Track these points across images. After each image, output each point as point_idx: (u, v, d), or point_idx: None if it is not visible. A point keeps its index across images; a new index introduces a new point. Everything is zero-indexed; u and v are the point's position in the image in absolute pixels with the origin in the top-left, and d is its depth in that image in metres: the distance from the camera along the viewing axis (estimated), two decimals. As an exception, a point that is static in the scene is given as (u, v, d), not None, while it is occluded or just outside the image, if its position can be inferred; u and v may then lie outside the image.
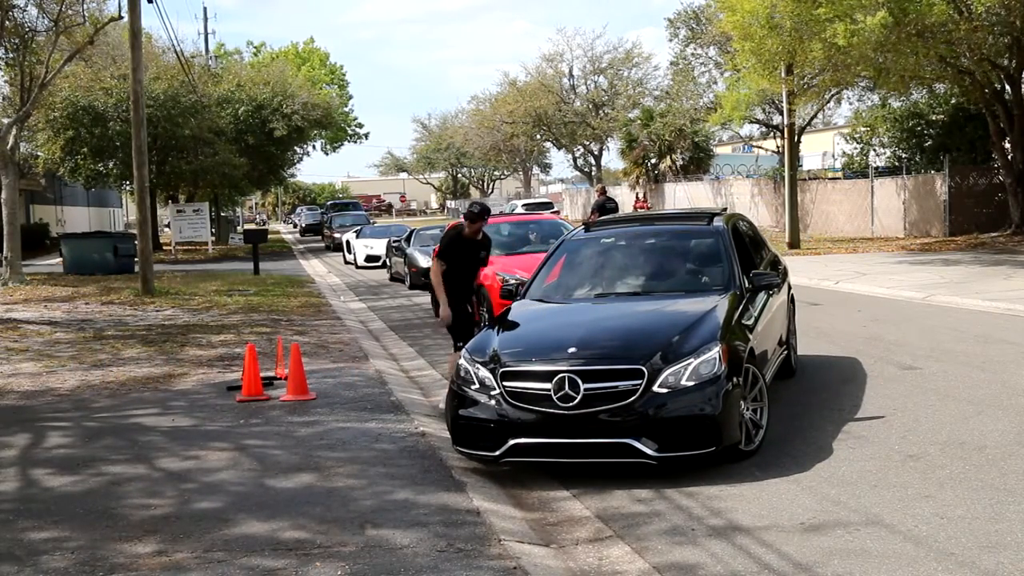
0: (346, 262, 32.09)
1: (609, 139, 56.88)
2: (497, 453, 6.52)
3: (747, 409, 6.76)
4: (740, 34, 23.17)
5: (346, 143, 71.77)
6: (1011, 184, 25.45)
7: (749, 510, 5.79)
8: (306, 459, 7.01)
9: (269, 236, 48.09)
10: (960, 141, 28.64)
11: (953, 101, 29.09)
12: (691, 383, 6.38)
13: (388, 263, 25.69)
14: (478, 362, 6.87)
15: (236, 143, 39.69)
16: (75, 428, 8.20)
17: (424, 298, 18.31)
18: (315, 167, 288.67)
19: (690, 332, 6.76)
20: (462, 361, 7.04)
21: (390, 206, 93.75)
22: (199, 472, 6.77)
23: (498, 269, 13.89)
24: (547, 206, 45.75)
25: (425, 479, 6.43)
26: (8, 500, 6.22)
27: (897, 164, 31.22)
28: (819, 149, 50.58)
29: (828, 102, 35.18)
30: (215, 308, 17.01)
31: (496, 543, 5.25)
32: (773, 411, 8.20)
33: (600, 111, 56.43)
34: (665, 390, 6.35)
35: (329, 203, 66.82)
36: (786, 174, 27.95)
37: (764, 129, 41.28)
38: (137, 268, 22.15)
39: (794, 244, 26.81)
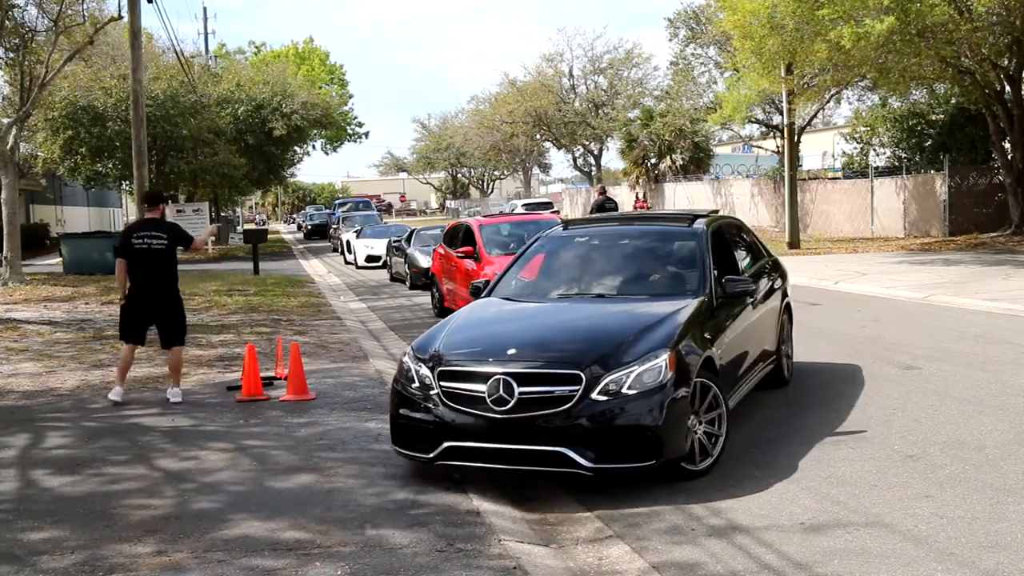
0: (346, 262, 32.09)
1: (609, 139, 56.95)
2: (431, 455, 6.28)
3: (700, 424, 6.40)
4: (740, 34, 23.18)
5: (346, 143, 71.78)
6: (1011, 184, 25.46)
7: (749, 510, 5.78)
8: (306, 459, 7.01)
9: (269, 236, 48.06)
10: (960, 141, 28.66)
11: (953, 101, 29.10)
12: (633, 392, 6.03)
13: (388, 263, 25.68)
14: (420, 360, 6.59)
15: (236, 143, 39.71)
16: (75, 428, 8.20)
17: (424, 298, 18.32)
18: (315, 167, 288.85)
19: (640, 338, 6.41)
20: (405, 358, 6.79)
21: (390, 206, 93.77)
22: (198, 472, 6.77)
23: (497, 269, 13.89)
24: (547, 206, 45.75)
25: (425, 479, 6.43)
26: (8, 500, 6.22)
27: (897, 164, 31.23)
28: (819, 149, 50.57)
29: (828, 102, 35.18)
30: (215, 308, 17.01)
31: (496, 543, 5.25)
32: (772, 411, 8.22)
33: (600, 111, 56.45)
34: (604, 398, 6.01)
35: (337, 201, 63.30)
36: (786, 174, 27.97)
37: (764, 129, 41.26)
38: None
39: (794, 244, 26.83)
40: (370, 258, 29.27)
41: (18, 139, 23.64)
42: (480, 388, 6.16)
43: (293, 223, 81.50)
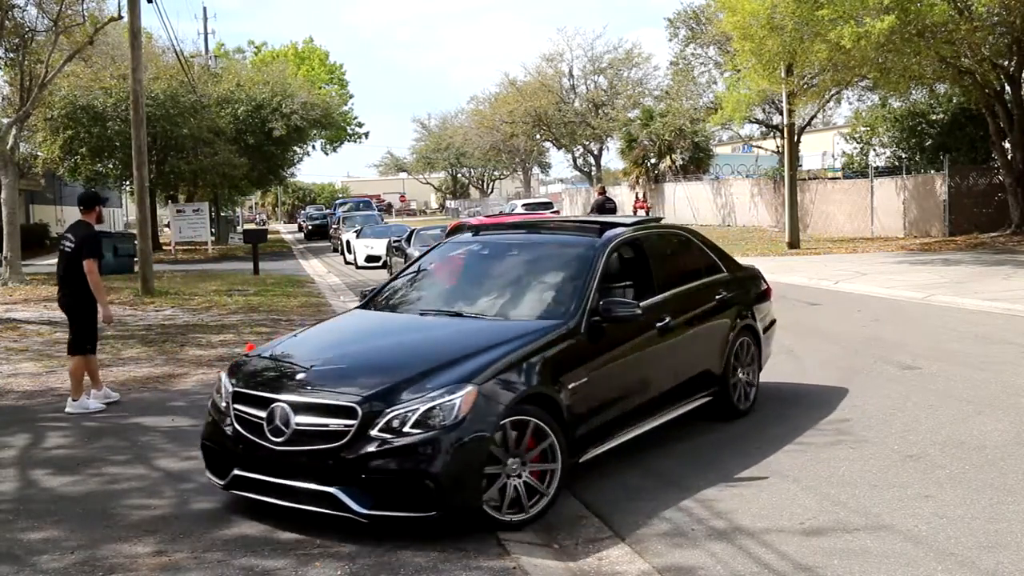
0: (346, 262, 32.09)
1: (609, 139, 56.96)
2: (223, 482, 5.84)
3: (522, 472, 5.58)
4: (740, 35, 23.19)
5: (346, 143, 71.62)
6: (1011, 184, 25.48)
7: (749, 510, 5.78)
8: (306, 459, 6.99)
9: (268, 236, 48.06)
10: (960, 141, 28.67)
11: (953, 101, 29.12)
12: (416, 431, 5.28)
13: (388, 263, 25.68)
14: (231, 375, 6.14)
15: (236, 143, 39.69)
16: (75, 428, 8.19)
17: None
18: (315, 167, 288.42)
19: (446, 368, 5.62)
20: (222, 373, 6.31)
21: (390, 206, 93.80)
22: (198, 472, 6.73)
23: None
24: (547, 206, 45.75)
25: (425, 479, 6.41)
26: (7, 500, 6.22)
27: (897, 164, 31.25)
28: (819, 149, 50.60)
29: (828, 102, 35.20)
30: (215, 308, 17.01)
31: (496, 543, 5.26)
32: (771, 410, 8.21)
33: (600, 111, 56.46)
34: (384, 436, 5.29)
35: (337, 201, 61.19)
36: (786, 174, 27.97)
37: (764, 129, 41.30)
38: (137, 268, 22.15)
39: (794, 244, 26.84)
40: (370, 258, 29.27)
41: (18, 139, 23.64)
42: (261, 414, 5.64)
43: (295, 223, 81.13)
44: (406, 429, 5.30)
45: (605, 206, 25.73)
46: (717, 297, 7.95)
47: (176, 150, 36.13)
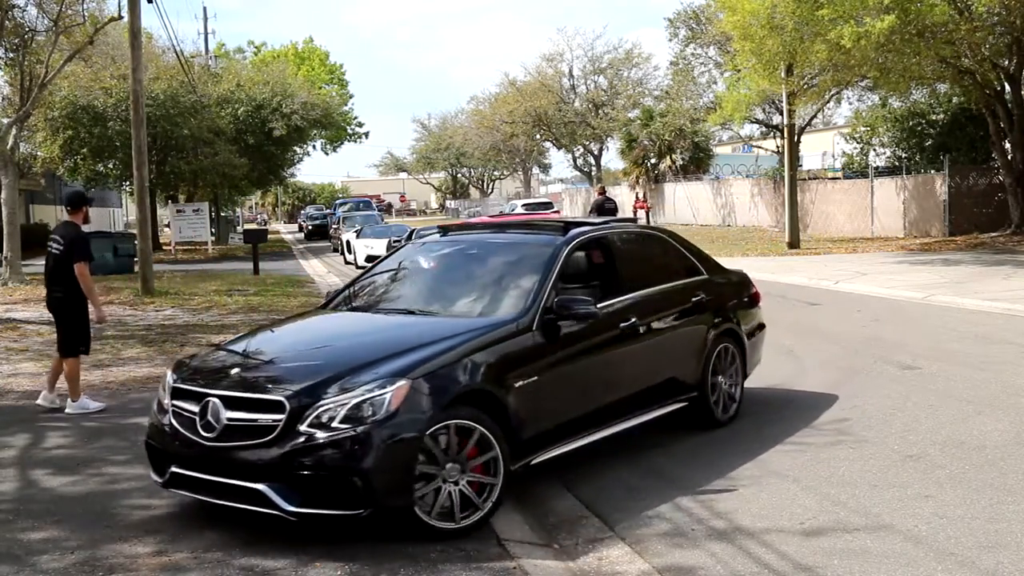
0: (346, 262, 32.10)
1: (609, 139, 57.01)
2: (162, 480, 5.77)
3: (465, 469, 5.40)
4: (740, 34, 23.21)
5: (346, 143, 71.51)
6: (1011, 184, 25.49)
7: (749, 510, 5.78)
8: (306, 459, 6.98)
9: (269, 236, 48.07)
10: (960, 141, 28.68)
11: (953, 101, 29.13)
12: (345, 426, 5.13)
13: (388, 263, 25.63)
14: (174, 373, 6.06)
15: (236, 143, 39.69)
16: (75, 428, 8.19)
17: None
18: (315, 167, 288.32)
19: (380, 363, 5.47)
20: (168, 370, 6.26)
21: (390, 206, 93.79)
22: (199, 472, 6.75)
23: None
24: (547, 206, 45.74)
25: (425, 479, 6.41)
26: (7, 500, 6.22)
27: (897, 164, 31.25)
28: (819, 149, 50.61)
29: (828, 102, 35.21)
30: (215, 308, 17.01)
31: (496, 543, 5.26)
32: (771, 410, 8.21)
33: (600, 111, 56.49)
34: (313, 431, 5.16)
35: (337, 201, 60.57)
36: (786, 174, 27.97)
37: (764, 129, 41.32)
38: (137, 268, 22.15)
39: (794, 244, 26.85)
40: (370, 258, 29.20)
41: (18, 139, 23.65)
42: (196, 410, 5.55)
43: (295, 223, 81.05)
44: (335, 424, 5.16)
45: (605, 206, 25.70)
46: (694, 300, 7.62)
47: (176, 150, 36.13)
